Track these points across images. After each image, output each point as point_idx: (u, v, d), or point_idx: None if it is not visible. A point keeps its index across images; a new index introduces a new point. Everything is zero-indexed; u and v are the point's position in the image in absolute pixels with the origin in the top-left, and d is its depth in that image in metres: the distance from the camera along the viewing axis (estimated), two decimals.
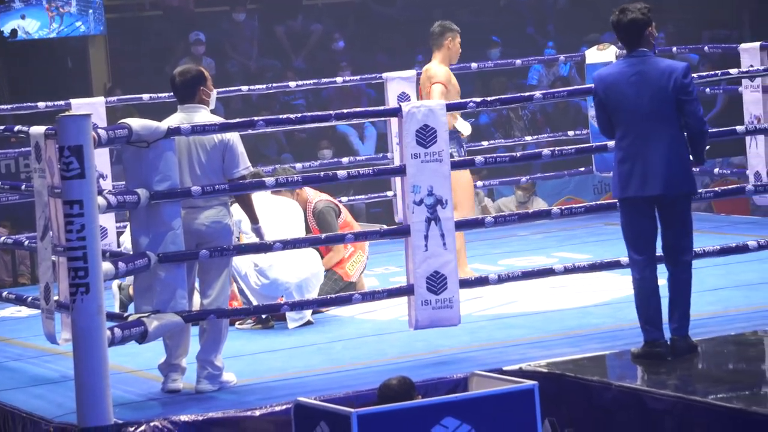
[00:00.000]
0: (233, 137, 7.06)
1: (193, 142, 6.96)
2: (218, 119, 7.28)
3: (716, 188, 8.88)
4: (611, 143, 7.03)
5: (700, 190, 8.08)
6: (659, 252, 6.81)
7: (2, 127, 8.80)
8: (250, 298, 8.20)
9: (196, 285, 7.19)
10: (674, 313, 6.78)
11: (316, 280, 8.31)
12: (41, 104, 10.50)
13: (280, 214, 8.35)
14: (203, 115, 7.06)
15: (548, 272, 7.64)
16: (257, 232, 7.27)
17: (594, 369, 6.67)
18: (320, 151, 14.12)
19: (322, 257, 8.74)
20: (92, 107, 10.09)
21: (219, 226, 6.96)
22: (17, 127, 8.07)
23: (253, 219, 7.24)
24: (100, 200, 6.38)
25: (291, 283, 8.20)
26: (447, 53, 9.33)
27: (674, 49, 12.59)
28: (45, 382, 7.33)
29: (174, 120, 7.04)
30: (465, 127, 9.12)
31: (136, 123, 6.78)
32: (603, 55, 11.55)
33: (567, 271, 7.57)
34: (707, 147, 6.95)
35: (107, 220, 9.90)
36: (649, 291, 6.75)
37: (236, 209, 8.26)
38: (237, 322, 8.29)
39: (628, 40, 6.79)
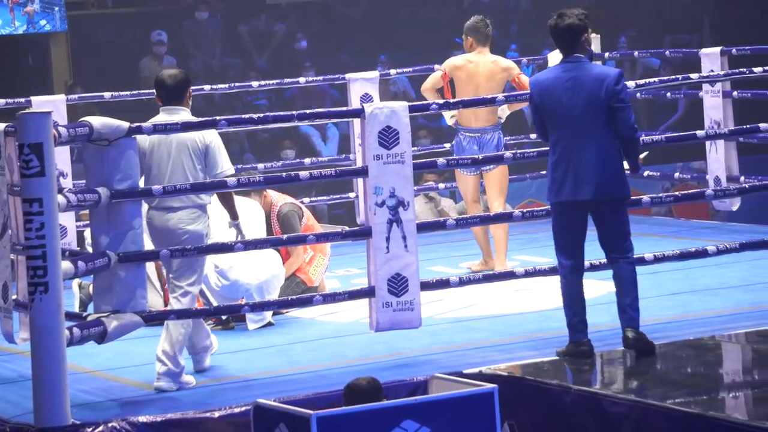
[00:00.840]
0: (214, 139, 7.09)
1: (176, 144, 6.99)
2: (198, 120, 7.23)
3: (676, 193, 8.94)
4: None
5: (660, 194, 8.16)
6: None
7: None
8: (210, 298, 8.18)
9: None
10: (622, 309, 6.91)
11: (276, 282, 8.29)
12: (1, 101, 10.42)
13: (241, 214, 8.31)
14: (184, 117, 7.11)
15: (509, 275, 7.67)
16: (237, 227, 7.29)
17: (553, 373, 6.69)
18: (283, 151, 14.10)
19: (283, 260, 8.72)
20: (53, 105, 10.05)
21: (193, 230, 7.00)
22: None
23: (233, 215, 7.27)
24: (60, 199, 6.35)
25: (251, 284, 8.18)
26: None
27: (636, 53, 12.65)
28: (2, 381, 7.28)
29: (157, 120, 7.12)
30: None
31: (97, 121, 6.75)
32: None
33: (528, 274, 7.59)
34: (643, 154, 7.06)
35: (67, 219, 9.84)
36: (574, 295, 6.92)
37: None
38: None
39: (564, 45, 6.92)
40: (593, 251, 7.13)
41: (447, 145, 11.84)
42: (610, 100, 6.76)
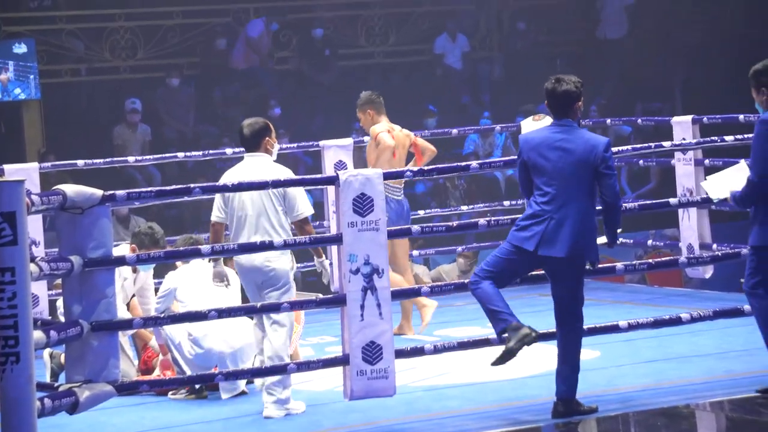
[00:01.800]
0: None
1: (252, 193, 7.56)
2: (279, 167, 7.81)
3: (649, 260, 8.96)
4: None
5: (634, 262, 8.19)
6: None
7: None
8: (183, 367, 8.12)
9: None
10: (561, 375, 6.99)
11: (250, 350, 8.24)
12: None
13: (214, 282, 8.29)
14: (264, 161, 7.72)
15: (484, 343, 7.64)
16: (321, 265, 7.85)
17: None
18: None
19: None
20: (26, 173, 10.02)
21: (280, 267, 7.55)
22: None
23: (318, 254, 7.83)
24: (33, 267, 6.30)
25: (225, 352, 8.13)
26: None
27: (608, 120, 12.73)
28: None
29: (240, 166, 7.75)
30: None
31: (70, 189, 6.73)
32: (538, 125, 11.59)
33: (502, 341, 7.55)
34: (619, 230, 7.13)
35: (39, 288, 9.78)
36: (493, 293, 7.03)
37: (172, 276, 8.21)
38: (170, 392, 8.20)
39: (558, 108, 7.10)
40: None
41: (421, 212, 11.87)
42: (598, 166, 6.91)
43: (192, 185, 7.27)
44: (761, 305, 7.05)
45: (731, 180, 7.44)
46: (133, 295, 8.82)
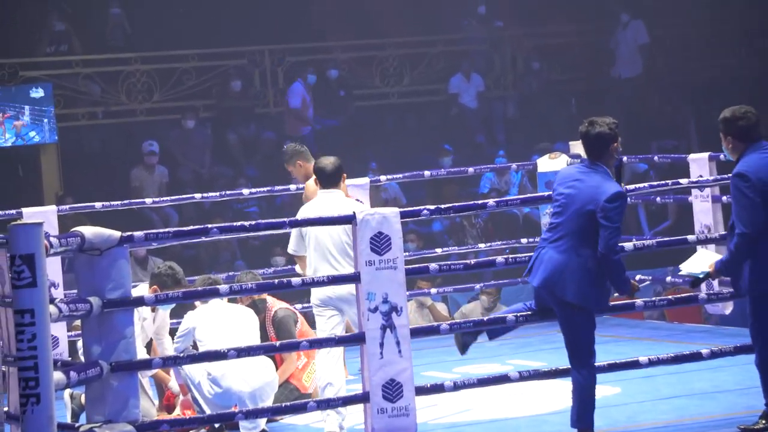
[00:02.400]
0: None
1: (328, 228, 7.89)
2: (352, 201, 8.44)
3: (669, 296, 8.93)
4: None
5: (653, 299, 8.18)
6: None
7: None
8: (203, 406, 8.11)
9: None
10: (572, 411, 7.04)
11: (270, 389, 8.23)
12: None
13: (235, 320, 8.30)
14: (339, 196, 8.21)
15: (503, 379, 7.62)
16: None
17: None
18: (273, 258, 14.10)
19: (277, 366, 8.68)
20: (44, 216, 10.05)
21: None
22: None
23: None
24: (52, 309, 6.31)
25: (244, 392, 8.12)
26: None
27: (624, 158, 12.73)
28: None
29: (317, 201, 8.22)
30: None
31: (88, 231, 6.75)
32: (555, 163, 11.66)
33: (522, 378, 7.55)
34: (638, 278, 7.14)
35: (59, 329, 9.80)
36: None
37: (191, 315, 8.22)
38: None
39: (590, 151, 7.11)
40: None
41: (438, 250, 11.87)
42: (597, 214, 6.89)
43: (209, 225, 7.29)
44: None
45: (705, 258, 7.40)
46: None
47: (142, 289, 8.41)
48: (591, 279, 6.96)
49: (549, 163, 11.69)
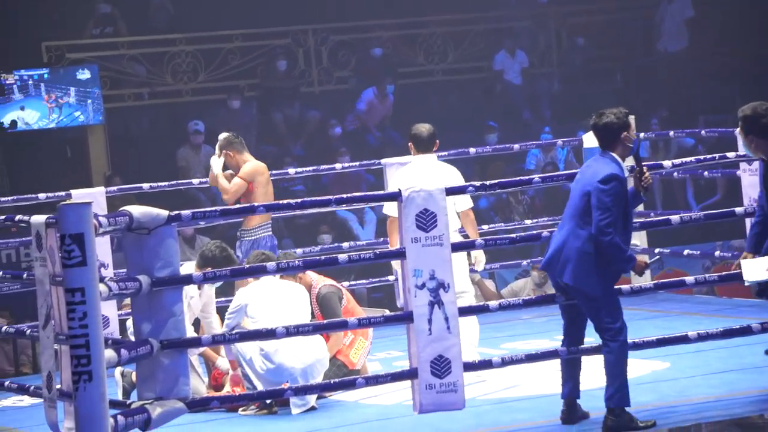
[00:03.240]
0: (459, 179, 8.70)
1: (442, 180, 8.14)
2: (446, 165, 8.97)
3: (719, 273, 8.88)
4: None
5: (703, 275, 8.17)
6: None
7: (3, 217, 8.80)
8: (254, 382, 8.15)
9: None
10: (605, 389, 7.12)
11: (321, 366, 8.27)
12: (42, 195, 10.52)
13: (286, 297, 8.33)
14: (433, 159, 8.90)
15: (552, 355, 7.59)
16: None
17: None
18: (320, 236, 14.13)
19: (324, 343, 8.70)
20: (92, 197, 10.12)
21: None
22: (18, 217, 8.07)
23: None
24: (102, 287, 6.36)
25: (296, 368, 8.14)
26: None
27: (671, 133, 12.66)
28: None
29: (413, 165, 8.79)
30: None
31: (136, 210, 6.79)
32: None
33: (570, 353, 7.52)
34: (653, 259, 7.18)
35: (109, 308, 9.87)
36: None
37: (243, 292, 8.26)
38: (240, 408, 8.23)
39: (601, 142, 7.23)
40: (636, 331, 7.08)
41: (484, 227, 11.85)
42: (591, 195, 6.99)
43: (256, 204, 7.30)
44: None
45: (764, 263, 7.30)
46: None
47: (189, 268, 8.46)
48: (588, 262, 7.04)
49: (594, 139, 11.61)
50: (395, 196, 7.33)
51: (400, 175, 8.93)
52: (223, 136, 10.18)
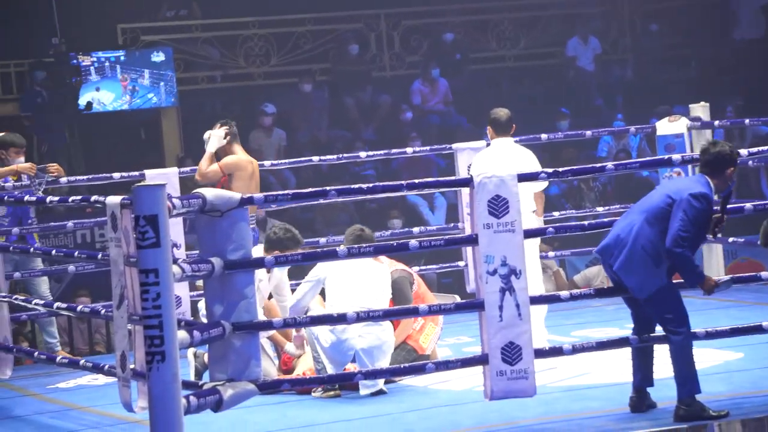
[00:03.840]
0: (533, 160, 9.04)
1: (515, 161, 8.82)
2: (522, 148, 9.29)
3: None
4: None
5: None
6: None
7: (78, 198, 8.90)
8: (321, 356, 8.17)
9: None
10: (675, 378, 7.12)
11: (387, 349, 8.28)
12: (116, 175, 10.62)
13: (366, 276, 8.34)
14: (511, 142, 9.24)
15: (622, 343, 7.55)
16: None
17: None
18: (390, 221, 14.15)
19: (394, 327, 8.72)
20: (166, 177, 10.20)
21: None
22: (93, 197, 8.16)
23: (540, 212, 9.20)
24: (175, 269, 6.40)
25: (360, 347, 8.15)
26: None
27: (746, 121, 12.52)
28: None
29: (492, 147, 9.19)
30: None
31: (210, 192, 6.82)
32: (674, 126, 11.51)
33: (641, 341, 7.47)
34: (724, 279, 7.14)
35: (181, 289, 9.95)
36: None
37: (323, 266, 8.28)
38: (312, 391, 8.25)
39: (704, 167, 7.18)
40: (709, 320, 7.02)
41: (555, 213, 11.81)
42: (675, 202, 6.98)
43: (327, 188, 7.31)
44: None
45: None
46: (270, 297, 8.92)
47: (258, 251, 8.50)
48: (646, 260, 7.03)
49: (668, 126, 11.53)
50: (467, 182, 7.31)
51: (480, 157, 9.23)
52: (224, 122, 10.19)
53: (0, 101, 15.57)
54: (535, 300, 7.38)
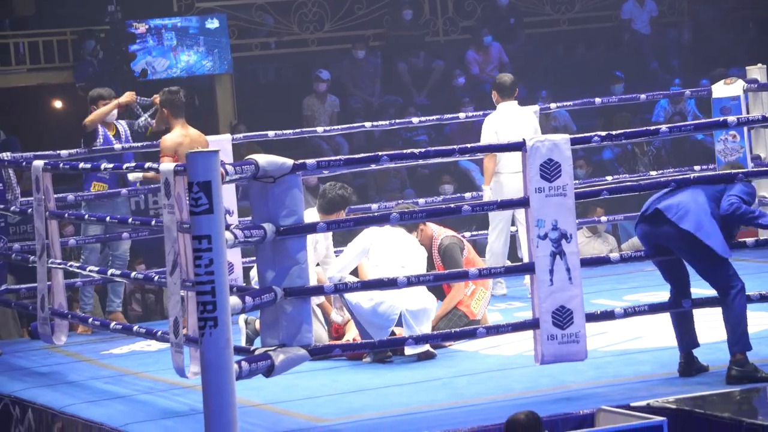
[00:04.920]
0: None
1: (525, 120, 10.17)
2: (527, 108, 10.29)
3: None
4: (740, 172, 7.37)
5: None
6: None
7: (133, 164, 8.97)
8: (362, 323, 8.19)
9: None
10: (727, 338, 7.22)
11: (430, 312, 8.30)
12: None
13: (406, 247, 8.37)
14: (515, 105, 10.21)
15: (675, 306, 7.52)
16: None
17: (724, 406, 6.57)
18: (441, 186, 14.14)
19: (445, 294, 8.74)
20: (219, 144, 10.24)
21: None
22: (147, 164, 8.22)
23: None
24: (228, 235, 6.44)
25: (406, 309, 8.17)
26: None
27: None
28: (174, 415, 7.42)
29: (500, 109, 10.13)
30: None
31: (262, 159, 6.85)
32: (730, 89, 11.40)
33: (695, 305, 7.45)
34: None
35: (234, 255, 10.00)
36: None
37: (367, 234, 8.30)
38: (364, 356, 8.29)
39: None
40: (764, 284, 6.98)
41: (608, 178, 11.75)
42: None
43: (380, 153, 7.33)
44: None
45: None
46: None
47: (311, 214, 8.53)
48: (711, 219, 7.10)
49: (724, 89, 11.43)
50: (520, 146, 7.30)
51: (491, 120, 10.16)
52: (168, 91, 9.82)
53: (57, 69, 15.68)
54: (587, 262, 7.37)
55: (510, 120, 10.07)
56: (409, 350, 8.18)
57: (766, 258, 10.25)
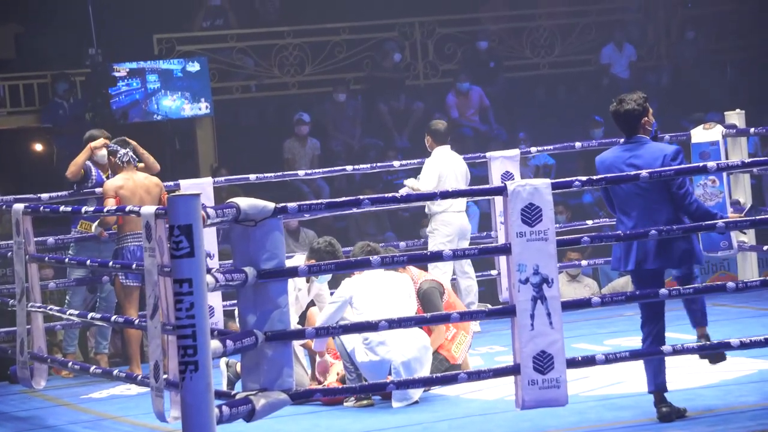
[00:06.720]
0: None
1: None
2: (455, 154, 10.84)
3: None
4: (720, 223, 7.20)
5: None
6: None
7: (114, 208, 8.96)
8: (359, 372, 8.18)
9: None
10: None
11: (425, 360, 8.29)
12: None
13: (391, 288, 8.36)
14: (449, 150, 10.98)
15: (656, 353, 7.53)
16: None
17: None
18: (422, 229, 14.14)
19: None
20: (200, 187, 10.26)
21: None
22: (128, 208, 8.22)
23: None
24: (209, 279, 6.43)
25: (399, 361, 8.17)
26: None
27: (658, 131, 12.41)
28: None
29: (439, 154, 10.79)
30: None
31: (243, 202, 6.85)
32: (709, 134, 11.48)
33: (675, 352, 7.45)
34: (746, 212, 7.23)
35: (214, 298, 9.99)
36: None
37: (348, 284, 8.30)
38: (344, 400, 8.28)
39: (625, 128, 7.49)
40: (744, 329, 6.99)
41: (589, 222, 11.79)
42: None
43: (361, 197, 7.34)
44: None
45: None
46: (309, 306, 8.95)
47: (298, 260, 8.53)
48: (687, 238, 7.22)
49: (703, 134, 11.51)
50: (500, 191, 7.32)
51: (433, 164, 10.75)
52: (116, 141, 10.04)
53: (37, 112, 15.66)
54: (567, 305, 7.39)
55: (449, 164, 10.78)
56: (396, 404, 8.15)
57: (746, 303, 10.30)
